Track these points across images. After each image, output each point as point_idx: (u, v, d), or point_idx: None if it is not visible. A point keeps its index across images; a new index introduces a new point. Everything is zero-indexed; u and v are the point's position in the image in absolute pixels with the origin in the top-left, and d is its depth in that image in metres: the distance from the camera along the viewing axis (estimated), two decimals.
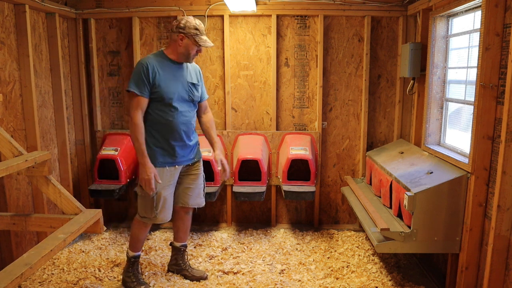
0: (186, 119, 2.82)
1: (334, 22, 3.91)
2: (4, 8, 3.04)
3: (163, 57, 2.75)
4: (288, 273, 3.22)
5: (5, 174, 2.04)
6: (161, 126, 2.74)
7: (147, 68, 2.64)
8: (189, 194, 3.00)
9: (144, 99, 2.65)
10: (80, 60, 3.98)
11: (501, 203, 2.31)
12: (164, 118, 2.73)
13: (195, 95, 2.88)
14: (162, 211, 2.82)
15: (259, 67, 4.01)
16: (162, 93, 2.68)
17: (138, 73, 2.64)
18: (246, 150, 3.79)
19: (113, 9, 3.88)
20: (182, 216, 3.10)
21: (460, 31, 3.09)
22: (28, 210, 3.31)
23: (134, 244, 2.96)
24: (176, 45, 2.71)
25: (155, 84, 2.66)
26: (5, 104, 3.05)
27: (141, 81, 2.63)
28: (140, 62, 2.69)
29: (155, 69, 2.67)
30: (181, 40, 2.68)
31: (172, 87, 2.72)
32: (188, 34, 2.67)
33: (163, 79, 2.69)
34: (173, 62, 2.76)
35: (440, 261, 3.19)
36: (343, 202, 4.22)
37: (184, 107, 2.80)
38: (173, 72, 2.75)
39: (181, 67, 2.81)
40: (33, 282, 3.06)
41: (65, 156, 3.81)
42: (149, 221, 2.86)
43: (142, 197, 2.81)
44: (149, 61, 2.68)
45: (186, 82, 2.81)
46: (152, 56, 2.75)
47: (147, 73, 2.64)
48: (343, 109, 4.05)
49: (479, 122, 2.48)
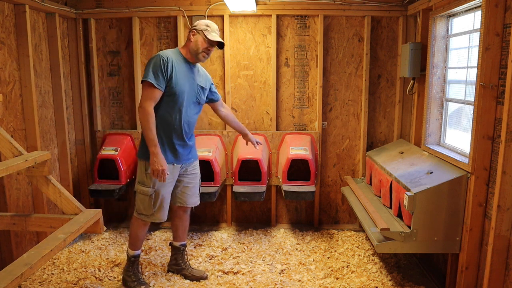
0: (190, 120, 2.85)
1: (334, 22, 3.91)
2: (4, 8, 3.04)
3: (179, 55, 2.78)
4: (288, 273, 3.22)
5: (5, 174, 2.04)
6: (166, 123, 2.75)
7: (167, 61, 2.65)
8: (187, 193, 3.02)
9: (158, 91, 2.65)
10: (80, 60, 3.98)
11: (501, 203, 2.31)
12: (170, 115, 2.74)
13: (202, 98, 2.93)
14: (160, 210, 2.84)
15: (259, 67, 4.01)
16: (175, 89, 2.70)
17: (157, 65, 2.64)
18: (246, 150, 3.79)
19: (113, 9, 3.88)
20: (181, 215, 3.11)
21: (460, 31, 3.09)
22: (28, 210, 3.31)
23: (133, 243, 2.96)
24: (189, 42, 2.77)
25: (171, 79, 2.67)
26: (5, 104, 3.05)
27: (159, 72, 2.63)
28: (159, 55, 2.68)
29: (174, 64, 2.69)
30: (193, 36, 2.75)
31: (184, 86, 2.75)
32: (199, 29, 2.73)
33: (178, 76, 2.71)
34: (187, 62, 2.80)
35: (440, 261, 3.19)
36: (343, 202, 4.22)
37: (191, 107, 2.84)
38: (186, 71, 2.79)
39: (194, 69, 2.85)
40: (33, 282, 3.06)
41: (65, 156, 3.81)
42: (147, 219, 2.87)
43: (140, 194, 2.82)
44: (169, 56, 2.69)
45: (196, 84, 2.85)
46: (170, 51, 2.77)
47: (167, 66, 2.65)
48: (343, 109, 4.05)
49: (479, 122, 2.48)
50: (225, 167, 4.03)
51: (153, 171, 2.67)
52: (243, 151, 3.78)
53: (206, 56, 2.81)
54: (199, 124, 4.10)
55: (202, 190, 3.61)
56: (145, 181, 2.79)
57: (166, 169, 2.67)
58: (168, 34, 3.98)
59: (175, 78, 2.69)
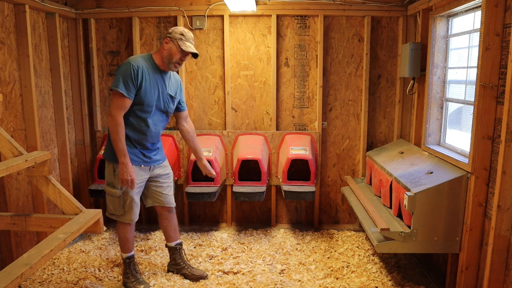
0: (157, 129, 2.84)
1: (334, 22, 3.91)
2: (4, 8, 3.04)
3: (151, 62, 2.73)
4: (288, 273, 3.22)
5: (5, 174, 2.04)
6: (133, 128, 2.73)
7: (137, 70, 2.61)
8: (163, 193, 3.01)
9: (128, 101, 2.63)
10: (80, 60, 3.98)
11: (501, 203, 2.31)
12: (138, 122, 2.73)
13: (170, 107, 2.89)
14: (130, 210, 2.85)
15: (259, 67, 4.01)
16: (143, 100, 2.67)
17: (127, 73, 2.60)
18: (246, 150, 3.79)
19: (113, 9, 3.88)
20: (166, 215, 3.10)
21: (460, 31, 3.09)
22: (28, 210, 3.31)
23: (124, 245, 2.97)
24: (162, 49, 2.71)
25: (140, 89, 2.64)
26: (5, 104, 3.05)
27: (129, 81, 2.59)
28: (129, 63, 2.63)
29: (144, 72, 2.64)
30: (166, 44, 2.69)
31: (152, 97, 2.71)
32: (173, 38, 2.68)
33: (148, 84, 2.67)
34: (159, 69, 2.75)
35: (440, 261, 3.18)
36: (343, 202, 4.22)
37: (158, 116, 2.82)
38: (157, 79, 2.74)
39: (165, 76, 2.80)
40: (33, 282, 3.06)
41: (65, 156, 3.81)
42: (118, 219, 2.88)
43: (110, 196, 2.84)
44: (140, 64, 2.64)
45: (166, 93, 2.81)
46: (141, 58, 2.71)
47: (137, 75, 2.61)
48: (343, 109, 4.05)
49: (479, 122, 2.48)
50: (225, 167, 4.03)
51: (122, 181, 2.69)
52: (243, 151, 3.78)
53: (178, 66, 2.76)
54: (199, 124, 4.11)
55: (202, 190, 3.63)
56: (114, 182, 2.79)
57: (135, 179, 2.69)
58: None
59: (144, 88, 2.65)
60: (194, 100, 4.08)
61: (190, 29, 3.93)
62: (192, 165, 3.70)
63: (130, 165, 2.68)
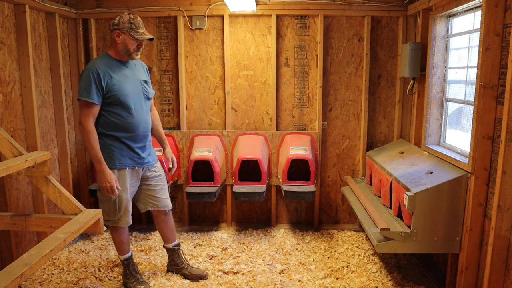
0: (145, 118, 2.79)
1: (334, 22, 3.91)
2: (4, 8, 3.04)
3: (109, 59, 2.69)
4: (288, 273, 3.22)
5: (5, 174, 2.04)
6: (120, 128, 2.69)
7: (97, 74, 2.57)
8: (156, 196, 2.97)
9: (96, 106, 2.59)
10: (80, 60, 3.98)
11: (501, 203, 2.31)
12: (123, 120, 2.68)
13: (149, 92, 2.85)
14: (125, 213, 2.82)
15: (259, 67, 4.01)
16: (119, 96, 2.63)
17: (88, 80, 2.56)
18: (246, 150, 3.79)
19: (113, 9, 3.88)
20: (163, 218, 3.06)
21: (460, 31, 3.09)
22: (28, 210, 3.31)
23: (119, 248, 2.96)
24: (115, 44, 2.68)
25: (109, 89, 2.60)
26: (5, 104, 3.05)
27: (92, 88, 2.55)
28: (88, 68, 2.59)
29: (106, 73, 2.61)
30: (117, 37, 2.65)
31: (127, 88, 2.67)
32: (122, 29, 2.63)
33: (116, 82, 2.63)
34: (120, 62, 2.71)
35: (440, 261, 3.18)
36: (343, 202, 4.22)
37: (142, 105, 2.77)
38: (124, 72, 2.71)
39: (130, 66, 2.76)
40: (33, 282, 3.06)
41: (65, 156, 3.81)
42: (114, 224, 2.84)
43: (103, 201, 2.79)
44: (98, 66, 2.60)
45: (138, 80, 2.78)
46: (99, 60, 2.68)
47: (99, 79, 2.57)
48: (343, 109, 4.05)
49: (479, 122, 2.48)
50: (225, 167, 4.04)
51: (102, 188, 2.65)
52: (243, 151, 3.78)
53: (138, 53, 2.73)
54: (199, 124, 4.11)
55: (202, 190, 3.63)
56: None
57: (114, 184, 2.63)
58: (168, 34, 3.98)
59: (113, 86, 2.61)
60: (194, 100, 4.08)
61: (190, 29, 3.93)
62: (192, 165, 3.70)
63: (107, 171, 2.62)
